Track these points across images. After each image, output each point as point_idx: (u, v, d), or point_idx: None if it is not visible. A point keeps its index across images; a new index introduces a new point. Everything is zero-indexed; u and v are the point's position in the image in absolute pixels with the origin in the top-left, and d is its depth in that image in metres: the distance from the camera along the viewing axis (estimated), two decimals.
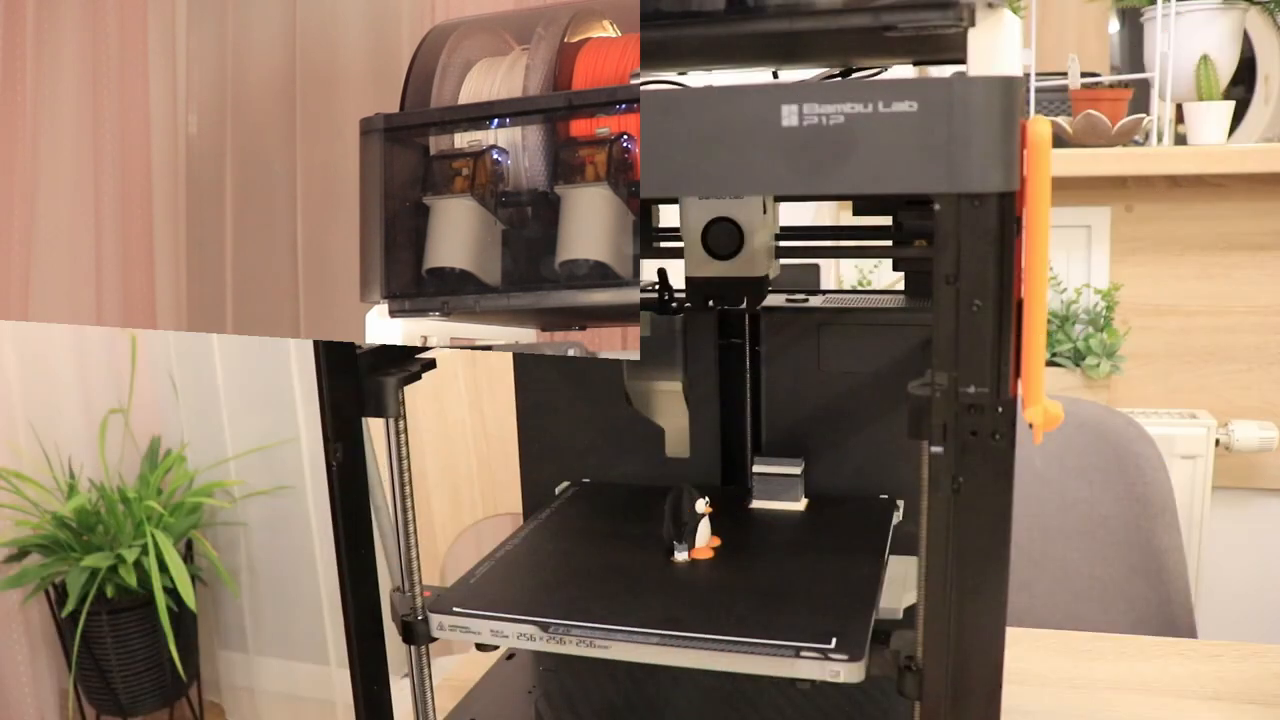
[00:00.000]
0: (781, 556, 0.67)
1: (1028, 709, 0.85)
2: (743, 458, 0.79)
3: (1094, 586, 1.28)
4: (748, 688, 0.74)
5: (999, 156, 0.43)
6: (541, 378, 0.82)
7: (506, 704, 0.76)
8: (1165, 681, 0.88)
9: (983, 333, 0.44)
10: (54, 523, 1.87)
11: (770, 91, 0.44)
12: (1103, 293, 1.73)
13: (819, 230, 1.31)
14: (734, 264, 0.72)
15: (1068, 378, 1.71)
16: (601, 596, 0.61)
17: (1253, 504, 1.79)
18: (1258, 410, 1.75)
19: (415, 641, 0.62)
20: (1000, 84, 0.43)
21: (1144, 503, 1.25)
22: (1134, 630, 1.24)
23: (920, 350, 0.73)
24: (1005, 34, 0.46)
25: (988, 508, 0.46)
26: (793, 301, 0.78)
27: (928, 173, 0.43)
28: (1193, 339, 1.76)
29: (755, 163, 0.45)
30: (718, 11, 0.50)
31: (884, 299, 0.78)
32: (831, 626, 0.55)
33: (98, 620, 1.90)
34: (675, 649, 0.55)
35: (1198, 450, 1.65)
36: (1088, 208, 1.75)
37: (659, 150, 0.46)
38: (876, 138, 0.43)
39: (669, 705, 0.74)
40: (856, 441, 0.76)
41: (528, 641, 0.58)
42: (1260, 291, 1.72)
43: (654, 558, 0.66)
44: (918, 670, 0.49)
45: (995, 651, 0.48)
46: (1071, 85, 1.74)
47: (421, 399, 1.52)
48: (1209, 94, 1.65)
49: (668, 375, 0.78)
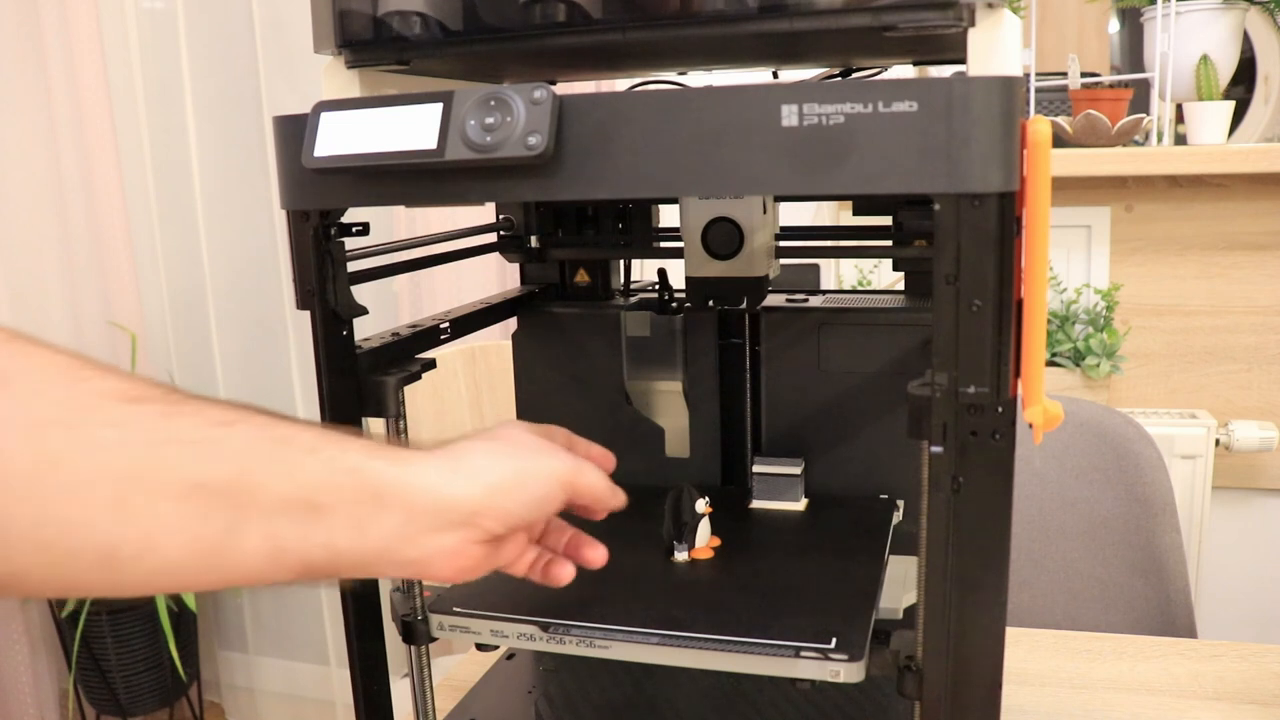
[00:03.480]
0: (781, 556, 0.67)
1: (1028, 709, 0.85)
2: (743, 458, 0.79)
3: (1094, 586, 1.28)
4: (748, 688, 0.74)
5: (999, 156, 0.43)
6: (541, 377, 0.82)
7: (506, 704, 0.76)
8: (1165, 681, 0.88)
9: (983, 333, 0.44)
10: None
11: (770, 91, 0.44)
12: (1103, 293, 1.73)
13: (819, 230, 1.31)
14: (734, 264, 0.73)
15: (1068, 378, 1.71)
16: (601, 596, 0.61)
17: (1253, 504, 1.79)
18: (1258, 410, 1.75)
19: (415, 641, 0.62)
20: (1000, 84, 0.43)
21: (1144, 503, 1.25)
22: (1134, 630, 1.24)
23: (920, 350, 0.73)
24: (1005, 34, 0.46)
25: (988, 508, 0.46)
26: (793, 301, 0.78)
27: (928, 173, 0.43)
28: (1192, 339, 1.76)
29: (755, 163, 0.45)
30: (718, 11, 0.50)
31: (884, 299, 0.78)
32: (831, 626, 0.55)
33: (98, 620, 1.90)
34: (675, 649, 0.55)
35: (1198, 450, 1.65)
36: (1088, 208, 1.75)
37: (659, 150, 0.46)
38: (876, 138, 0.43)
39: (669, 705, 0.74)
40: (856, 441, 0.76)
41: (528, 641, 0.58)
42: (1260, 291, 1.72)
43: (654, 558, 0.66)
44: (918, 670, 0.49)
45: (995, 651, 0.48)
46: (1071, 85, 1.74)
47: (421, 399, 1.52)
48: (1209, 94, 1.65)
49: (668, 375, 0.78)
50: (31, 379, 0.37)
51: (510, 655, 0.82)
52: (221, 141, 2.07)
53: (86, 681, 1.98)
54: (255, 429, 0.40)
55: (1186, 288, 1.75)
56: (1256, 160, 1.59)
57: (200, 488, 0.38)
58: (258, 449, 0.40)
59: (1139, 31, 1.81)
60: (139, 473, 0.37)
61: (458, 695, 0.77)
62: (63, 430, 0.36)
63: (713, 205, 0.72)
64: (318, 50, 0.58)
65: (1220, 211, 1.71)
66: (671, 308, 0.78)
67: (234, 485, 0.39)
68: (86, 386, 0.38)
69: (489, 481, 0.45)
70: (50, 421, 0.36)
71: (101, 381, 0.38)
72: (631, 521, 0.73)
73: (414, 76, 0.62)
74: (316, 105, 0.52)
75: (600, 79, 0.99)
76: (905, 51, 0.69)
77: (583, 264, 0.83)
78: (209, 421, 0.39)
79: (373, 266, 0.63)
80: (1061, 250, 1.77)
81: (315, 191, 0.54)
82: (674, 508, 0.66)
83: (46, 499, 0.36)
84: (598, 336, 0.80)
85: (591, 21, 0.52)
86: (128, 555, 0.38)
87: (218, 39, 2.03)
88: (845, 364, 0.75)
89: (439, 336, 0.67)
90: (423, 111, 0.49)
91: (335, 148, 0.51)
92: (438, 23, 0.54)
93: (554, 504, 0.49)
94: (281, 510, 0.40)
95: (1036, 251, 0.45)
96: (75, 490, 0.36)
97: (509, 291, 0.81)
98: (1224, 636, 1.05)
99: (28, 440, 0.36)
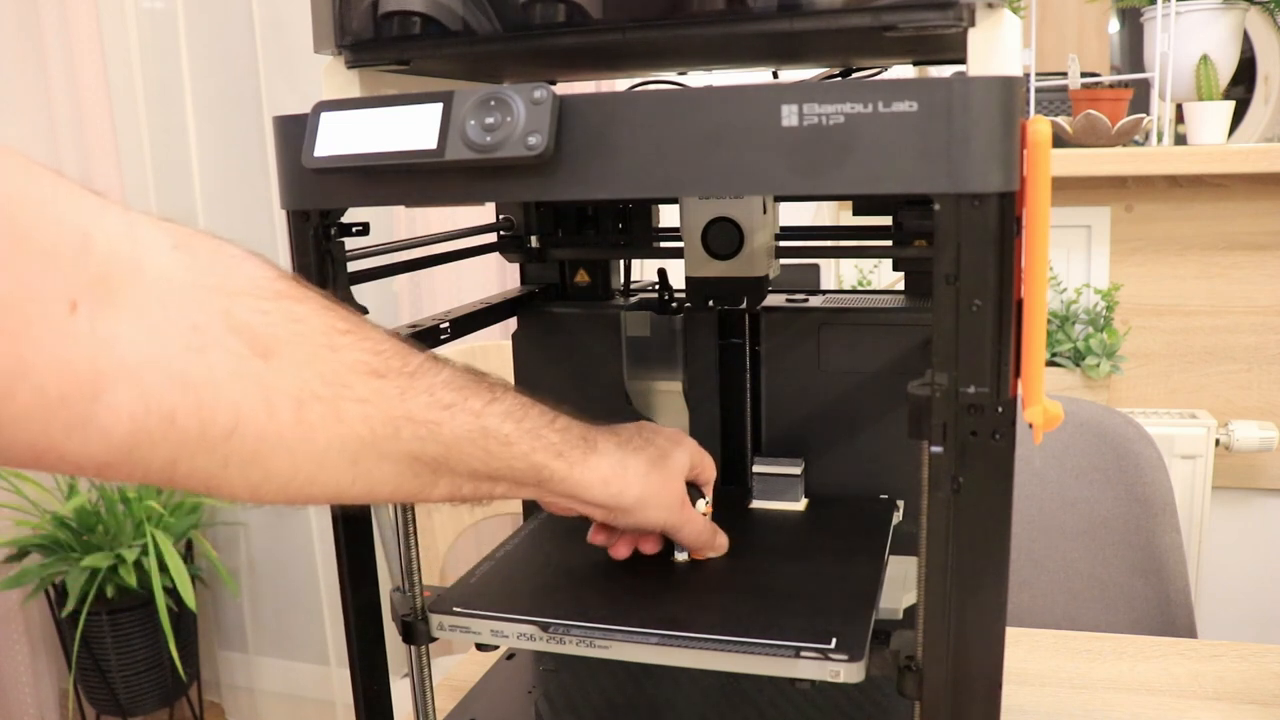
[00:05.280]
0: (781, 557, 0.67)
1: (1028, 709, 0.85)
2: (743, 458, 0.79)
3: (1094, 586, 1.28)
4: (748, 688, 0.74)
5: (999, 156, 0.43)
6: (541, 377, 0.82)
7: (506, 704, 0.76)
8: (1165, 681, 0.88)
9: (983, 333, 0.44)
10: (54, 523, 1.88)
11: (770, 91, 0.44)
12: (1103, 293, 1.73)
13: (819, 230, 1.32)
14: (734, 264, 0.73)
15: (1068, 378, 1.71)
16: (601, 596, 0.61)
17: (1253, 504, 1.79)
18: (1257, 410, 1.75)
19: (415, 641, 0.62)
20: (1000, 84, 0.43)
21: (1144, 503, 1.25)
22: (1134, 630, 1.24)
23: (920, 350, 0.73)
24: (1005, 34, 0.46)
25: (988, 508, 0.46)
26: (793, 301, 0.78)
27: (928, 173, 0.43)
28: (1192, 339, 1.76)
29: (755, 163, 0.45)
30: (718, 11, 0.50)
31: (884, 299, 0.78)
32: (831, 626, 0.55)
33: (98, 620, 1.90)
34: (675, 649, 0.55)
35: (1198, 450, 1.65)
36: (1088, 208, 1.75)
37: (659, 150, 0.46)
38: (876, 138, 0.43)
39: (669, 705, 0.74)
40: (856, 441, 0.76)
41: (528, 641, 0.58)
42: (1260, 291, 1.72)
43: (654, 558, 0.66)
44: (918, 670, 0.49)
45: (995, 651, 0.48)
46: (1071, 85, 1.75)
47: None
48: (1209, 94, 1.65)
49: (668, 375, 0.78)
50: (298, 350, 0.44)
51: (510, 655, 0.82)
52: (221, 141, 2.07)
53: (86, 681, 1.98)
54: (468, 417, 0.49)
55: (1186, 288, 1.75)
56: (1256, 160, 1.59)
57: (417, 459, 0.48)
58: (466, 438, 0.49)
59: (1139, 31, 1.81)
60: (375, 442, 0.46)
61: (458, 695, 0.77)
62: (321, 404, 0.44)
63: (713, 205, 0.72)
64: (318, 50, 0.58)
65: (1220, 211, 1.71)
66: (671, 308, 0.78)
67: (440, 460, 0.49)
68: (340, 358, 0.45)
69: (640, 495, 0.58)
70: (312, 396, 0.44)
71: (352, 352, 0.46)
72: None
73: (414, 76, 0.62)
74: (316, 105, 0.52)
75: (600, 79, 0.99)
76: (905, 51, 0.69)
77: (583, 264, 0.83)
78: (436, 404, 0.48)
79: (373, 266, 0.63)
80: (1061, 250, 1.77)
81: (315, 191, 0.54)
82: None
83: (300, 459, 0.44)
84: (598, 336, 0.80)
85: (591, 21, 0.52)
86: (346, 497, 0.48)
87: (218, 39, 2.03)
88: (845, 364, 0.75)
89: (439, 336, 0.67)
90: (423, 111, 0.49)
91: (335, 148, 0.51)
92: (438, 23, 0.54)
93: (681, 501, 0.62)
94: (469, 479, 0.51)
95: (1036, 251, 0.45)
96: (325, 453, 0.45)
97: (509, 291, 0.81)
98: (1224, 636, 1.05)
99: (294, 410, 0.43)
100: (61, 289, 0.38)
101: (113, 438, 0.40)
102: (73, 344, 0.38)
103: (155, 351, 0.40)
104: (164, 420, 0.41)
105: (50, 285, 0.38)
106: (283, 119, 0.54)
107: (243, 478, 0.43)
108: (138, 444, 0.41)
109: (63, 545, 1.87)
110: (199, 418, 0.41)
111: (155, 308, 0.41)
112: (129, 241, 0.41)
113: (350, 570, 0.63)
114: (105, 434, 0.40)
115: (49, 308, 0.38)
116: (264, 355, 0.43)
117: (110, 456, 0.40)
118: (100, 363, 0.39)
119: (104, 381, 0.39)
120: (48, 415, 0.38)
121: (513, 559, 0.68)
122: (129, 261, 0.40)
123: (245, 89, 2.01)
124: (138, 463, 0.41)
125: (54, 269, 0.38)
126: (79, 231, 0.39)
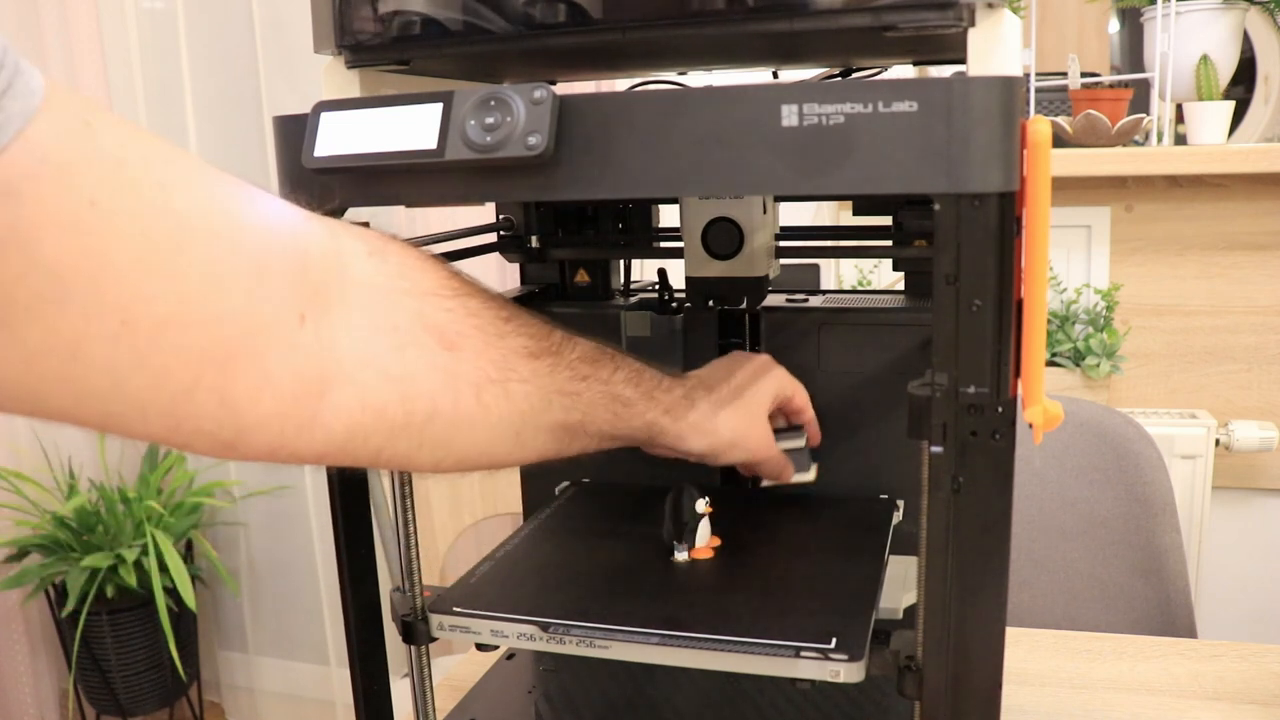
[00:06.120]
0: (781, 556, 0.67)
1: (1028, 709, 0.85)
2: None
3: (1094, 586, 1.28)
4: (748, 688, 0.74)
5: (999, 156, 0.43)
6: None
7: (506, 704, 0.76)
8: (1165, 681, 0.88)
9: (983, 333, 0.44)
10: (54, 523, 1.87)
11: (770, 91, 0.44)
12: (1103, 293, 1.73)
13: (819, 230, 1.32)
14: (734, 264, 0.73)
15: (1068, 378, 1.71)
16: (601, 596, 0.61)
17: (1253, 504, 1.79)
18: (1257, 410, 1.75)
19: (415, 641, 0.62)
20: (1000, 84, 0.43)
21: (1144, 503, 1.25)
22: (1134, 630, 1.24)
23: (920, 350, 0.73)
24: (1005, 34, 0.46)
25: (988, 508, 0.46)
26: (793, 301, 0.78)
27: (927, 173, 0.43)
28: (1192, 339, 1.76)
29: (755, 163, 0.45)
30: (718, 11, 0.50)
31: (884, 299, 0.78)
32: (831, 626, 0.55)
33: (98, 620, 1.90)
34: (675, 649, 0.55)
35: (1198, 450, 1.65)
36: (1088, 208, 1.75)
37: (659, 150, 0.46)
38: (876, 138, 0.43)
39: (669, 705, 0.74)
40: (856, 441, 0.76)
41: (528, 641, 0.58)
42: (1260, 291, 1.72)
43: (654, 558, 0.66)
44: (918, 670, 0.49)
45: (995, 651, 0.48)
46: (1071, 85, 1.74)
47: None
48: (1209, 94, 1.65)
49: None
50: (475, 341, 0.50)
51: (510, 655, 0.82)
52: (221, 141, 2.07)
53: (86, 681, 1.98)
54: (600, 386, 0.56)
55: (1186, 288, 1.75)
56: (1256, 160, 1.59)
57: (563, 425, 0.55)
58: (599, 404, 0.56)
59: (1139, 31, 1.81)
60: (534, 415, 0.52)
61: (458, 695, 0.77)
62: (494, 387, 0.50)
63: (713, 205, 0.72)
64: (318, 50, 0.58)
65: (1220, 211, 1.71)
66: (671, 308, 0.78)
67: (580, 425, 0.55)
68: (506, 344, 0.51)
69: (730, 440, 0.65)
70: (487, 380, 0.50)
71: (515, 338, 0.51)
72: (631, 521, 0.73)
73: (414, 76, 0.62)
74: (316, 105, 0.52)
75: (600, 79, 0.99)
76: (905, 51, 0.69)
77: (583, 264, 0.83)
78: (576, 376, 0.54)
79: None
80: (1061, 250, 1.77)
81: (315, 191, 0.54)
82: (674, 508, 0.66)
83: (478, 436, 0.51)
84: (598, 336, 0.80)
85: (591, 21, 0.52)
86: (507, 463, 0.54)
87: (218, 39, 2.03)
88: (845, 364, 0.75)
89: None
90: (423, 111, 0.49)
91: (335, 148, 0.51)
92: (438, 23, 0.54)
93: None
94: (597, 438, 0.57)
95: (1036, 251, 0.45)
96: (495, 428, 0.51)
97: (509, 291, 0.81)
98: (1224, 636, 1.05)
99: (474, 394, 0.49)
100: (294, 305, 0.42)
101: (334, 433, 0.45)
102: (304, 353, 0.43)
103: (368, 353, 0.45)
104: (376, 414, 0.46)
105: (285, 304, 0.42)
106: (283, 119, 0.54)
107: (431, 456, 0.50)
108: (353, 436, 0.45)
109: (63, 545, 1.87)
110: (404, 409, 0.47)
111: (363, 312, 0.45)
112: (335, 251, 0.45)
113: (350, 570, 0.63)
114: (328, 430, 0.44)
115: (285, 324, 0.42)
116: (450, 348, 0.49)
117: (329, 449, 0.45)
118: (325, 368, 0.44)
119: (329, 384, 0.44)
120: (284, 418, 0.43)
121: (513, 559, 0.68)
122: (337, 271, 0.45)
123: (245, 89, 2.01)
124: (349, 453, 0.46)
125: (286, 288, 0.42)
126: (299, 249, 0.43)
